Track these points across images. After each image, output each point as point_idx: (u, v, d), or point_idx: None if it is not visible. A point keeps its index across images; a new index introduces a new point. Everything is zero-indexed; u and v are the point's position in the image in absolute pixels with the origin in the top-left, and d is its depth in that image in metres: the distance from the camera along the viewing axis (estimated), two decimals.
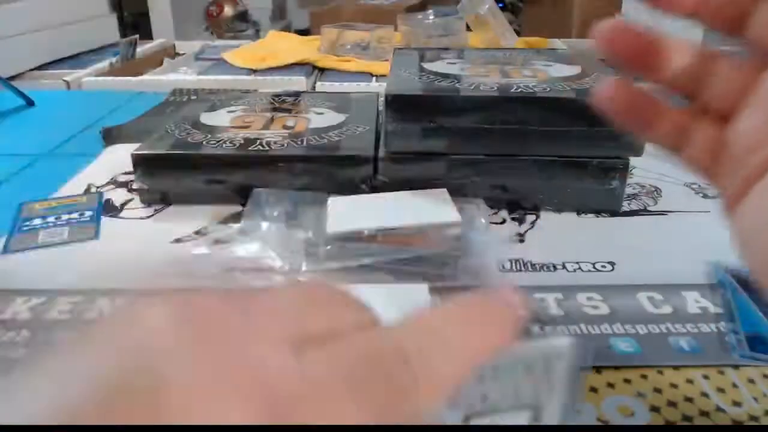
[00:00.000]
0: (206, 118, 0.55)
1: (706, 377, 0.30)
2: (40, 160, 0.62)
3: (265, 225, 0.44)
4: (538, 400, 0.16)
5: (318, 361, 0.12)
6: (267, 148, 0.48)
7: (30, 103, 0.79)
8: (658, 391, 0.29)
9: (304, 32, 1.44)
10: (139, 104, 0.79)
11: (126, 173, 0.56)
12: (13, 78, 0.96)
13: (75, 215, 0.48)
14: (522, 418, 0.15)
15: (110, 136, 0.65)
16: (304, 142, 0.49)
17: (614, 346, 0.32)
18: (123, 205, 0.50)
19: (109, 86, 0.91)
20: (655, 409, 0.28)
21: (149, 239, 0.44)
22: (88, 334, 0.12)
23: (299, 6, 2.66)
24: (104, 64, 1.02)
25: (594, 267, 0.40)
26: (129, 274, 0.40)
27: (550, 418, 0.15)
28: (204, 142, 0.49)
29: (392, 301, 0.19)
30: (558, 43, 1.16)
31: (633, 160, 0.47)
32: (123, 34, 1.23)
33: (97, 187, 0.53)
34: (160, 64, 1.11)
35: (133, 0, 2.31)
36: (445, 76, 0.51)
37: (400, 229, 0.32)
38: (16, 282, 0.39)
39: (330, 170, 0.47)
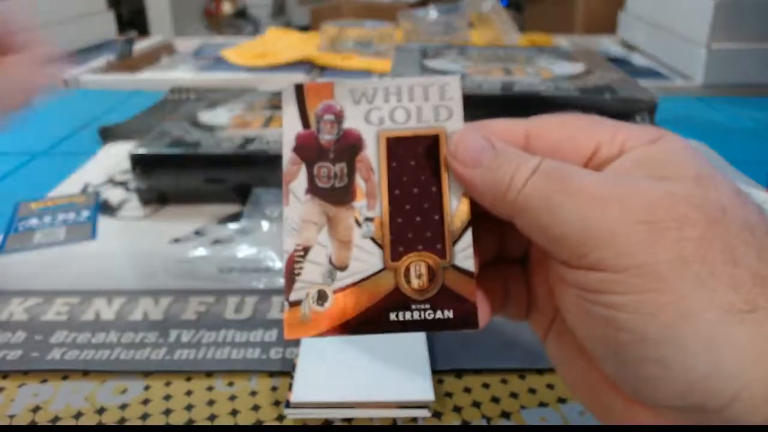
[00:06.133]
0: (205, 117, 0.54)
1: None
2: (36, 158, 0.61)
3: (265, 225, 0.44)
4: (438, 120, 0.19)
5: None
6: (266, 146, 0.47)
7: None
8: None
9: (304, 29, 1.43)
10: (137, 102, 0.78)
11: (123, 172, 0.55)
12: None
13: (72, 215, 0.47)
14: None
15: (108, 135, 0.65)
16: None
17: None
18: (120, 204, 0.50)
19: (107, 84, 0.91)
20: None
21: (147, 239, 0.44)
22: None
23: (299, 3, 2.64)
24: (101, 62, 1.02)
25: None
26: (126, 275, 0.39)
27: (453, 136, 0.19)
28: (202, 141, 0.48)
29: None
30: (561, 41, 1.15)
31: None
32: (120, 31, 1.22)
33: (95, 186, 0.53)
34: (158, 61, 1.10)
35: None
36: (447, 73, 0.50)
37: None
38: (11, 282, 0.39)
39: None
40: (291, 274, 0.19)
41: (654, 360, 0.15)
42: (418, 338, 0.31)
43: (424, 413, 0.27)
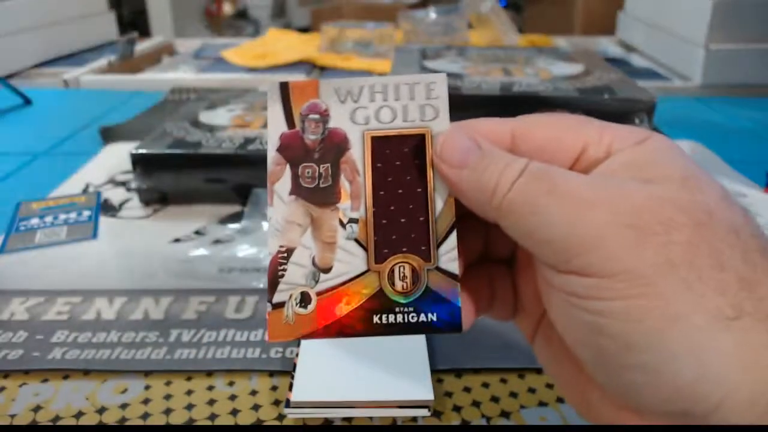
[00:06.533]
0: (205, 117, 0.54)
1: None
2: (37, 158, 0.61)
3: (265, 225, 0.44)
4: (424, 119, 0.19)
5: None
6: (267, 147, 0.47)
7: (27, 101, 0.79)
8: None
9: (304, 30, 1.44)
10: (137, 103, 0.78)
11: (124, 172, 0.55)
12: (10, 76, 0.95)
13: (73, 215, 0.47)
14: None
15: (109, 135, 0.65)
16: None
17: None
18: (121, 204, 0.50)
19: (108, 84, 0.91)
20: None
21: (148, 239, 0.44)
22: None
23: (299, 4, 2.65)
24: (103, 62, 1.02)
25: None
26: (127, 275, 0.40)
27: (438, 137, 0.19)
28: (203, 141, 0.48)
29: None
30: (560, 42, 1.16)
31: None
32: (122, 32, 1.22)
33: (96, 186, 0.53)
34: (159, 62, 1.11)
35: None
36: (447, 75, 0.50)
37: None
38: (13, 282, 0.39)
39: None
40: (274, 275, 0.19)
41: (640, 366, 0.15)
42: (418, 338, 0.31)
43: (424, 413, 0.27)
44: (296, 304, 0.19)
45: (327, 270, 0.19)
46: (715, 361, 0.14)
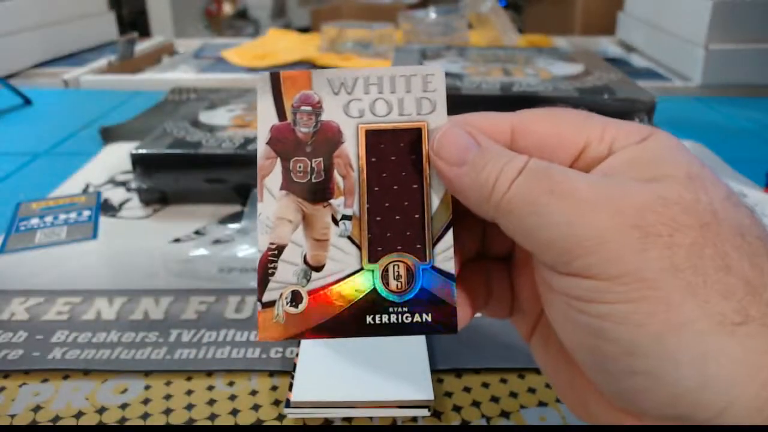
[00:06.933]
0: (205, 117, 0.54)
1: None
2: (37, 158, 0.61)
3: None
4: (421, 113, 0.19)
5: None
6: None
7: (27, 101, 0.79)
8: None
9: (304, 30, 1.44)
10: (137, 103, 0.78)
11: (124, 172, 0.55)
12: (10, 76, 0.95)
13: (73, 215, 0.47)
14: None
15: (109, 135, 0.65)
16: None
17: None
18: (121, 204, 0.50)
19: (108, 85, 0.91)
20: None
21: (148, 239, 0.44)
22: None
23: (299, 4, 2.65)
24: (102, 63, 1.02)
25: None
26: (127, 275, 0.40)
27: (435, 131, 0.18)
28: (203, 141, 0.48)
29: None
30: (560, 42, 1.15)
31: None
32: (122, 32, 1.22)
33: (96, 186, 0.53)
34: (159, 62, 1.11)
35: None
36: (447, 74, 0.50)
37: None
38: (13, 282, 0.39)
39: None
40: (264, 273, 0.18)
41: (642, 372, 0.14)
42: (418, 337, 0.31)
43: (424, 413, 0.27)
44: (287, 303, 0.18)
45: (319, 268, 0.18)
46: (719, 369, 0.14)
